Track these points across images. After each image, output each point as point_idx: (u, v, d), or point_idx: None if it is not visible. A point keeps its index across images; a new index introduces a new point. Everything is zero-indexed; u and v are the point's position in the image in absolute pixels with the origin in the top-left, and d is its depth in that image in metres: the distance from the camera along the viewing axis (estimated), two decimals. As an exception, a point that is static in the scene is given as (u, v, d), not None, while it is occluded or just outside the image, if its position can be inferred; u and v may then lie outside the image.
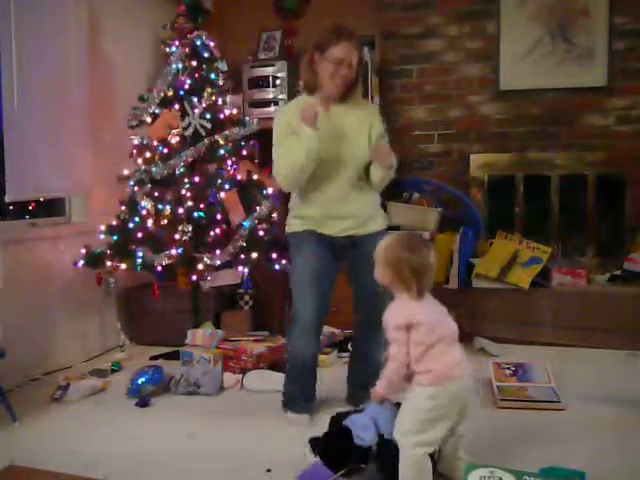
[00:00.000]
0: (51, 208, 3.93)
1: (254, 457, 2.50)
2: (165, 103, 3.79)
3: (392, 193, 4.45)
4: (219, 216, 3.70)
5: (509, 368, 3.30)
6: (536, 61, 4.50)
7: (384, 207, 4.28)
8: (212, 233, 3.68)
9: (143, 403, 3.07)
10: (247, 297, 4.26)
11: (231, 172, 3.82)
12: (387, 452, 2.22)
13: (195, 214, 3.67)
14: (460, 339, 4.08)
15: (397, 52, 4.72)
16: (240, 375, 3.39)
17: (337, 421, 2.45)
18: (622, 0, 4.33)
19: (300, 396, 2.90)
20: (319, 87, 2.80)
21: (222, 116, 3.84)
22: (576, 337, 3.95)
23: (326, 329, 3.72)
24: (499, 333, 4.02)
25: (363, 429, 2.31)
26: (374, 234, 2.85)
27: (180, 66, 3.80)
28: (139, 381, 3.18)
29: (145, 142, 3.78)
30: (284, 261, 3.79)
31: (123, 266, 3.67)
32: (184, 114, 3.76)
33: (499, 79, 4.56)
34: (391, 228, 4.23)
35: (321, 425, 2.58)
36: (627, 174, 4.35)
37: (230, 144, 3.81)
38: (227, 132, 3.79)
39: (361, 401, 2.93)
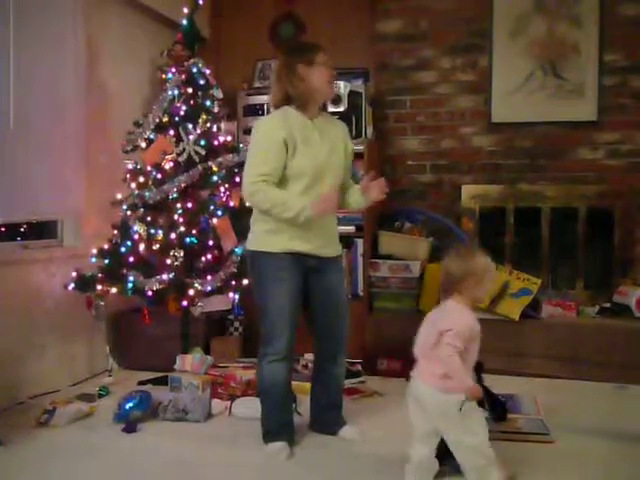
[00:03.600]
0: (43, 231, 3.92)
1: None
2: (160, 129, 3.82)
3: (384, 222, 4.50)
4: (211, 242, 3.71)
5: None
6: (527, 95, 4.57)
7: (376, 236, 4.37)
8: (204, 259, 3.69)
9: (130, 429, 3.05)
10: (237, 323, 4.25)
11: (224, 198, 3.83)
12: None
13: (187, 239, 3.68)
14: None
15: (391, 83, 4.78)
16: (228, 402, 3.38)
17: None
18: (612, 37, 4.42)
19: (277, 425, 2.88)
20: (312, 95, 2.84)
21: (216, 143, 3.87)
22: (565, 369, 3.96)
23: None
24: (488, 364, 4.00)
25: None
26: (336, 260, 2.95)
27: (176, 92, 3.83)
28: (127, 406, 3.16)
29: (139, 167, 3.80)
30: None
31: (114, 290, 3.66)
32: (179, 140, 3.78)
33: (491, 111, 4.62)
34: (382, 257, 4.29)
35: (302, 454, 2.58)
36: (616, 207, 4.40)
37: (223, 171, 3.83)
38: (221, 159, 3.81)
39: (329, 423, 2.98)
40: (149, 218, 3.73)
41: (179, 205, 3.71)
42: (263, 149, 2.78)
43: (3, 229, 3.64)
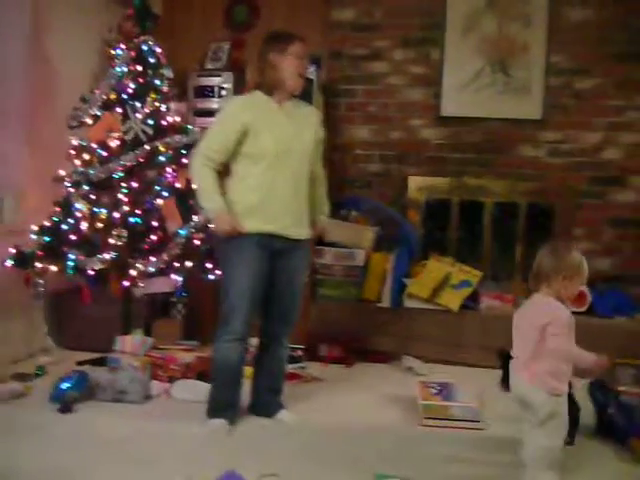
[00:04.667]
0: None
1: (177, 465, 2.49)
2: (107, 106, 3.75)
3: (330, 210, 4.52)
4: (155, 223, 3.68)
5: (434, 387, 3.37)
6: (476, 90, 4.65)
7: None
8: (148, 240, 3.66)
9: (65, 409, 3.01)
10: (180, 306, 4.23)
11: (170, 179, 3.80)
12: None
13: (131, 219, 3.64)
14: (389, 358, 4.20)
15: (343, 72, 4.80)
16: (168, 384, 3.37)
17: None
18: (558, 40, 4.53)
19: (223, 403, 2.92)
20: (280, 84, 2.89)
21: (165, 123, 3.82)
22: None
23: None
24: (428, 353, 4.11)
25: None
26: (302, 244, 2.98)
27: (124, 69, 3.78)
28: (63, 386, 3.11)
29: (84, 144, 3.73)
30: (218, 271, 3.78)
31: (53, 268, 3.60)
32: (126, 118, 3.73)
33: (440, 105, 4.69)
34: (327, 245, 4.32)
35: (240, 433, 2.60)
36: (555, 204, 4.53)
37: (171, 151, 3.79)
38: (169, 139, 3.77)
39: (268, 406, 3.01)
40: (93, 196, 3.67)
41: (124, 184, 3.66)
42: (220, 128, 2.91)
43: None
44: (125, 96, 3.75)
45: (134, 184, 3.67)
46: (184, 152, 3.85)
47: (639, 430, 2.80)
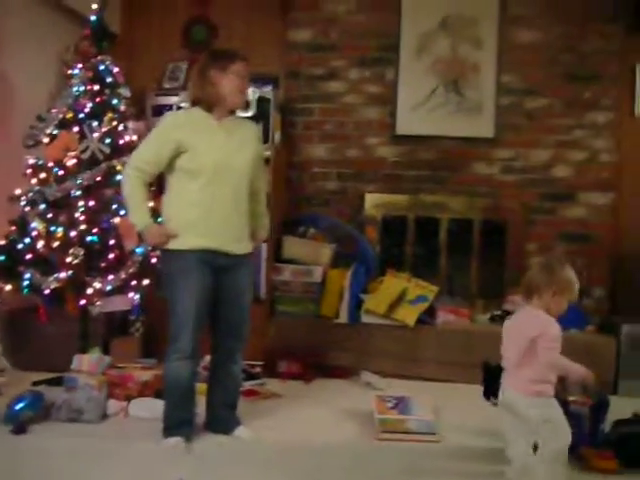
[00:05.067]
0: None
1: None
2: (64, 125, 3.76)
3: (288, 227, 4.58)
4: (112, 241, 3.68)
5: (391, 401, 3.41)
6: (430, 110, 4.76)
7: (280, 240, 4.45)
8: (105, 258, 3.65)
9: (19, 429, 2.97)
10: (138, 324, 4.21)
11: (127, 198, 3.80)
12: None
13: (88, 238, 3.63)
14: (347, 373, 4.24)
15: (300, 91, 4.87)
16: (125, 403, 3.35)
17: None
18: (508, 60, 4.67)
19: (178, 421, 2.92)
20: (220, 101, 2.92)
21: (122, 142, 3.84)
22: (458, 373, 4.13)
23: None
24: (385, 368, 4.16)
25: None
26: (245, 259, 3.00)
27: (82, 89, 3.79)
28: (17, 407, 3.07)
29: (40, 162, 3.73)
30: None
31: (9, 287, 3.57)
32: (83, 137, 3.74)
33: (395, 124, 4.78)
34: (285, 261, 4.37)
35: (197, 450, 2.61)
36: (508, 220, 4.65)
37: (128, 170, 3.80)
38: (125, 158, 3.77)
39: (224, 423, 3.03)
40: (49, 215, 3.66)
41: (81, 203, 3.66)
42: (154, 139, 2.93)
43: None
44: (82, 115, 3.76)
45: (91, 203, 3.67)
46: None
47: (588, 439, 2.88)
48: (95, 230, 3.66)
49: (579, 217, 4.66)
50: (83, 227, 3.62)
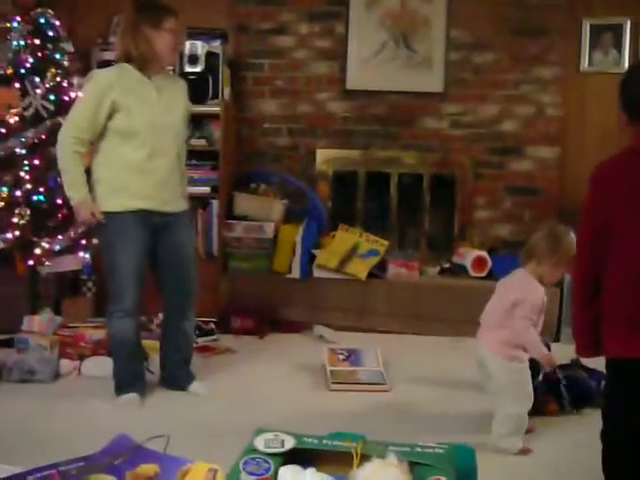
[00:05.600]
0: None
1: (89, 442, 2.51)
2: (4, 81, 3.65)
3: (239, 184, 4.57)
4: (60, 200, 3.63)
5: (342, 353, 3.50)
6: (381, 64, 4.74)
7: (231, 197, 4.44)
8: (53, 218, 3.61)
9: (-29, 391, 2.97)
10: (90, 283, 4.19)
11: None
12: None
13: (35, 197, 3.58)
14: (301, 328, 4.31)
15: (250, 46, 4.80)
16: (78, 362, 3.36)
17: None
18: (458, 15, 4.67)
19: (128, 378, 2.96)
20: (154, 59, 2.87)
21: (67, 98, 3.75)
22: (408, 325, 4.24)
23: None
24: (337, 321, 4.24)
25: None
26: (180, 216, 3.01)
27: (22, 43, 3.68)
28: (-33, 369, 3.07)
29: (-19, 121, 3.63)
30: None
31: (-47, 249, 3.51)
32: (25, 94, 3.64)
33: (346, 78, 4.77)
34: (237, 218, 4.37)
35: (152, 405, 2.67)
36: (457, 175, 4.72)
37: (74, 127, 3.73)
38: (71, 115, 3.71)
39: (179, 379, 3.08)
40: (-7, 174, 3.59)
41: (26, 162, 3.59)
42: (87, 103, 2.84)
43: None
44: (23, 71, 3.66)
45: (36, 161, 3.61)
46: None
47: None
48: (41, 189, 3.61)
49: (526, 171, 4.74)
50: (29, 186, 3.56)
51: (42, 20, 3.71)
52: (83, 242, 3.68)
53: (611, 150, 2.02)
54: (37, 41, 3.70)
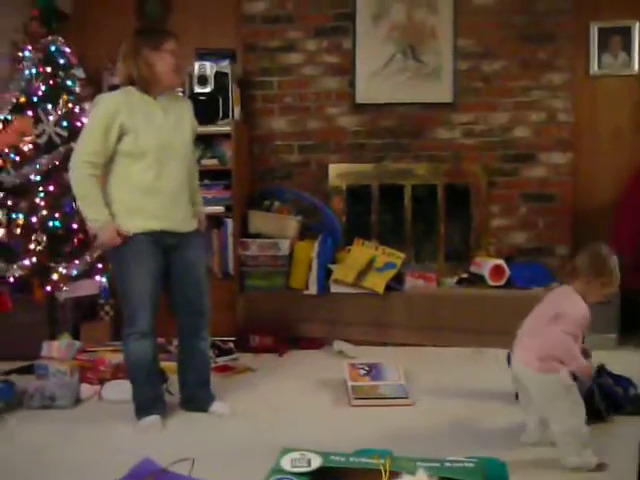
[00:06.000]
0: None
1: (113, 467, 2.50)
2: (17, 109, 3.69)
3: (253, 202, 4.57)
4: (75, 225, 3.65)
5: (363, 368, 3.47)
6: (389, 77, 4.75)
7: (245, 215, 4.45)
8: (69, 243, 3.63)
9: (-7, 419, 2.97)
10: (108, 307, 4.20)
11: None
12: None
13: (50, 223, 3.61)
14: (320, 344, 4.30)
15: (258, 64, 4.82)
16: (98, 386, 3.36)
17: None
18: (465, 25, 4.67)
19: (148, 400, 2.95)
20: (156, 81, 2.89)
21: (79, 124, 3.79)
22: (427, 337, 4.21)
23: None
24: (356, 336, 4.21)
25: None
26: (193, 237, 3.01)
27: (34, 71, 3.72)
28: (-12, 397, 3.07)
29: (-4, 149, 3.67)
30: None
31: (-28, 278, 3.53)
32: (38, 121, 3.68)
33: (355, 93, 4.77)
34: (252, 236, 4.37)
35: (174, 428, 2.65)
36: (471, 184, 4.70)
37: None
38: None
39: (199, 400, 3.06)
40: (9, 202, 3.61)
41: (41, 188, 3.62)
42: (96, 127, 2.83)
43: None
44: (36, 98, 3.70)
45: (51, 187, 3.64)
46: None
47: None
48: (57, 215, 3.63)
49: (540, 177, 4.71)
50: (44, 212, 3.59)
51: (53, 48, 3.76)
52: (99, 266, 3.69)
53: (624, 152, 2.00)
54: (48, 69, 3.75)
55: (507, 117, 4.71)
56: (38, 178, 3.63)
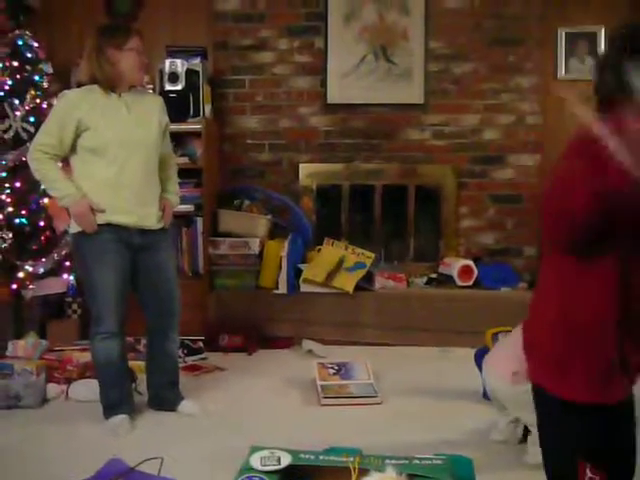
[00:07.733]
0: None
1: (80, 467, 2.48)
2: (-17, 104, 3.64)
3: (223, 201, 4.55)
4: (42, 223, 3.61)
5: (332, 367, 3.48)
6: (361, 77, 4.76)
7: (215, 214, 4.43)
8: (35, 240, 3.58)
9: (-44, 419, 2.92)
10: (75, 305, 4.15)
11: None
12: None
13: (17, 220, 3.55)
14: (289, 343, 4.30)
15: (229, 62, 4.80)
16: (65, 386, 3.32)
17: None
18: (436, 27, 4.71)
19: (116, 400, 2.92)
20: (120, 79, 2.87)
21: (47, 120, 3.73)
22: (396, 336, 4.23)
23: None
24: (326, 335, 4.22)
25: None
26: (161, 235, 2.98)
27: (0, 66, 3.66)
28: (-48, 397, 3.02)
29: (-40, 144, 3.61)
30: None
31: None
32: (4, 116, 3.62)
33: (327, 93, 4.78)
34: (222, 235, 4.36)
35: (142, 427, 2.63)
36: (441, 185, 4.74)
37: (55, 149, 3.71)
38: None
39: (167, 400, 3.06)
40: (-26, 198, 3.55)
41: (7, 185, 3.56)
42: (54, 122, 2.84)
43: None
44: (2, 93, 3.64)
45: (18, 184, 3.58)
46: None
47: None
48: (23, 212, 3.58)
49: (509, 179, 4.77)
50: (10, 209, 3.53)
51: (20, 42, 3.71)
52: (67, 264, 3.64)
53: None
54: (16, 63, 3.69)
55: (477, 119, 4.76)
56: (4, 174, 3.57)
